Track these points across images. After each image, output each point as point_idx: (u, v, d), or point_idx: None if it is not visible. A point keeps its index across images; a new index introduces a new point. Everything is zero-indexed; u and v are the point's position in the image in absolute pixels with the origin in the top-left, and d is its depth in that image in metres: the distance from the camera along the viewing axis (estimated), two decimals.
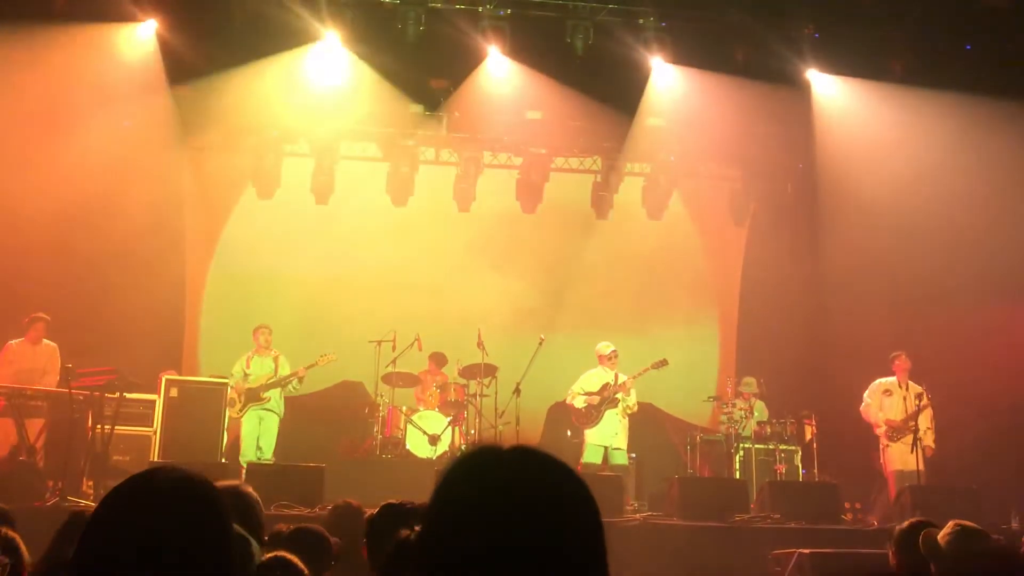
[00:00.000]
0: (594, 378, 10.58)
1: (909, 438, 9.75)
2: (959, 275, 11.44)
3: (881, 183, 12.46)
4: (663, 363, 10.46)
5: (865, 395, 10.39)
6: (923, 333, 11.31)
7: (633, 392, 10.48)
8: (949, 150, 11.42)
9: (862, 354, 11.33)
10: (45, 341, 10.13)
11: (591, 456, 10.37)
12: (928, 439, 9.96)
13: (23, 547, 3.33)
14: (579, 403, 10.52)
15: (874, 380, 10.43)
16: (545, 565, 1.19)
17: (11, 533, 3.35)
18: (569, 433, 11.07)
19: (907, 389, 10.17)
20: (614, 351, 10.58)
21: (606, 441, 10.38)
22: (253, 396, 10.50)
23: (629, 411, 10.45)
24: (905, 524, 4.17)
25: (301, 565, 2.93)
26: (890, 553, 4.10)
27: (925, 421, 9.97)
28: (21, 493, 7.74)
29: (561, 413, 12.73)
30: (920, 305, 11.75)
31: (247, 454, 10.30)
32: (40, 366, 9.94)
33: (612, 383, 10.43)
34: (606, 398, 10.41)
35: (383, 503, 3.69)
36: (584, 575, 1.23)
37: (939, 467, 10.05)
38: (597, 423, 10.40)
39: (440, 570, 1.22)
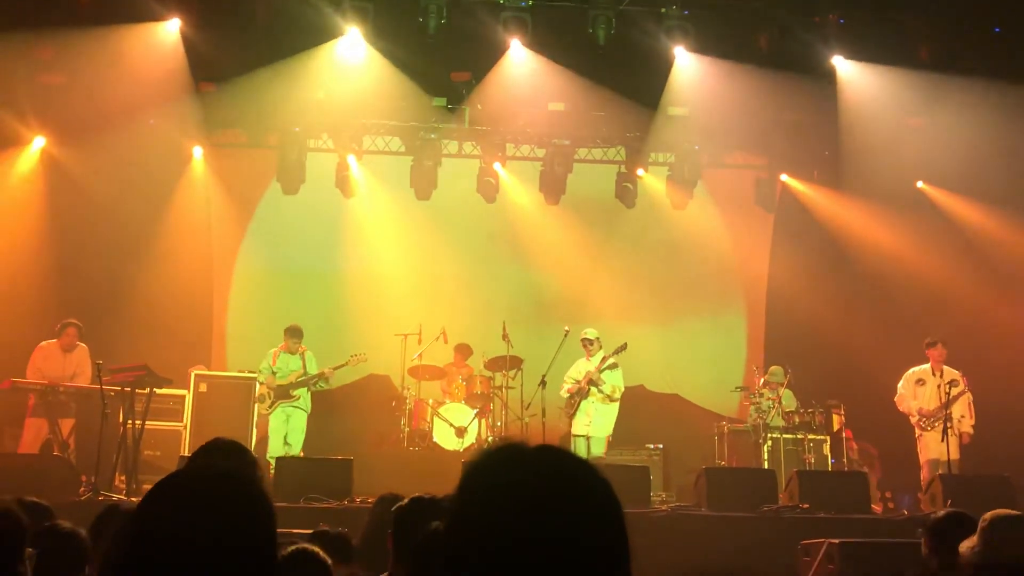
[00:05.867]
0: (580, 367, 10.70)
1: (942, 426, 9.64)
2: (992, 259, 11.32)
3: (909, 168, 12.35)
4: (623, 348, 10.49)
5: (899, 385, 10.30)
6: (957, 319, 11.20)
7: (610, 376, 10.44)
8: (977, 133, 11.28)
9: (891, 342, 11.24)
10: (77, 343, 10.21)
11: (574, 447, 10.36)
12: (964, 426, 9.84)
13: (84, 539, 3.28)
14: (564, 394, 10.63)
15: (907, 369, 10.33)
16: (568, 562, 1.21)
17: (64, 524, 3.34)
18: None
19: (941, 376, 10.04)
20: (586, 339, 10.62)
21: (581, 431, 10.44)
22: (282, 393, 10.53)
23: (610, 397, 10.44)
24: (940, 514, 4.14)
25: (324, 556, 2.96)
26: (923, 543, 4.06)
27: (961, 408, 9.85)
28: (56, 488, 7.85)
29: None
30: (954, 290, 11.63)
31: (274, 451, 10.32)
32: (70, 372, 9.91)
33: (591, 372, 10.48)
34: (581, 388, 10.47)
35: (412, 496, 3.71)
36: (607, 572, 1.24)
37: (975, 455, 9.93)
38: (574, 414, 10.50)
39: (465, 565, 1.24)
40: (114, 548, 1.54)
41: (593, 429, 10.39)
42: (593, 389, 10.40)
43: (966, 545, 3.60)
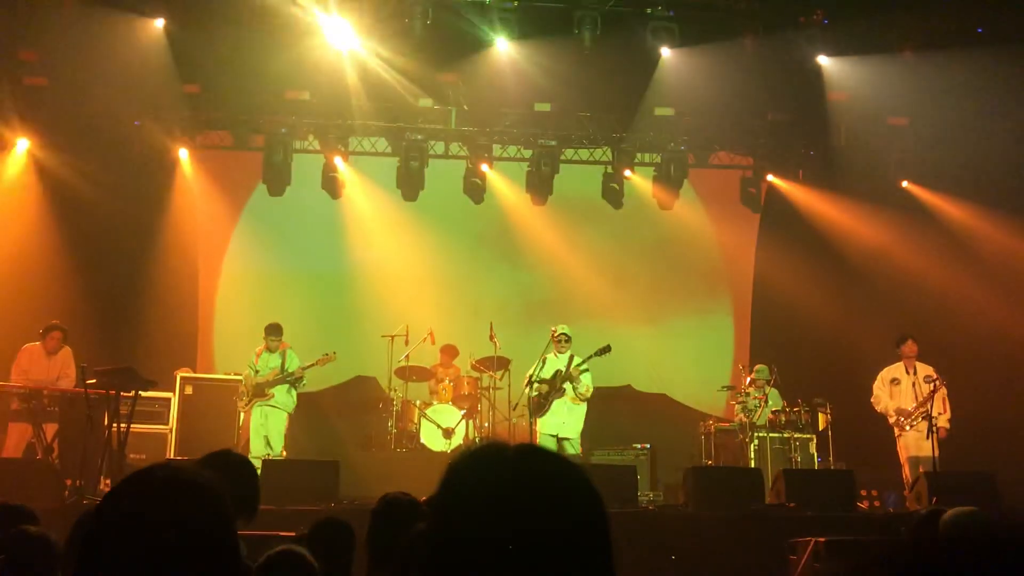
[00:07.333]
0: (548, 364, 10.20)
1: (923, 424, 9.66)
2: (978, 257, 11.37)
3: (895, 166, 12.42)
4: (607, 349, 9.99)
5: (874, 386, 10.32)
6: (941, 316, 11.25)
7: (584, 377, 10.02)
8: (964, 131, 11.34)
9: (876, 340, 11.28)
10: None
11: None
12: (941, 421, 9.83)
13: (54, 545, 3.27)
14: (533, 393, 10.08)
15: (882, 369, 10.36)
16: (549, 563, 1.20)
17: (32, 529, 3.32)
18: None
19: (915, 374, 10.08)
20: (561, 334, 10.16)
21: (554, 431, 9.98)
22: (258, 392, 10.50)
23: (582, 397, 10.05)
24: (923, 512, 4.15)
25: (311, 558, 2.92)
26: (908, 540, 4.07)
27: (937, 404, 9.87)
28: (40, 493, 7.78)
29: None
30: (938, 288, 11.68)
31: (256, 450, 10.26)
32: (54, 375, 9.87)
33: (563, 370, 10.05)
34: (554, 387, 10.05)
35: (381, 496, 3.69)
36: (590, 572, 1.23)
37: (957, 451, 9.97)
38: (545, 413, 10.03)
39: (445, 566, 1.23)
40: (78, 549, 1.54)
41: (567, 430, 10.03)
42: (568, 387, 10.14)
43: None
